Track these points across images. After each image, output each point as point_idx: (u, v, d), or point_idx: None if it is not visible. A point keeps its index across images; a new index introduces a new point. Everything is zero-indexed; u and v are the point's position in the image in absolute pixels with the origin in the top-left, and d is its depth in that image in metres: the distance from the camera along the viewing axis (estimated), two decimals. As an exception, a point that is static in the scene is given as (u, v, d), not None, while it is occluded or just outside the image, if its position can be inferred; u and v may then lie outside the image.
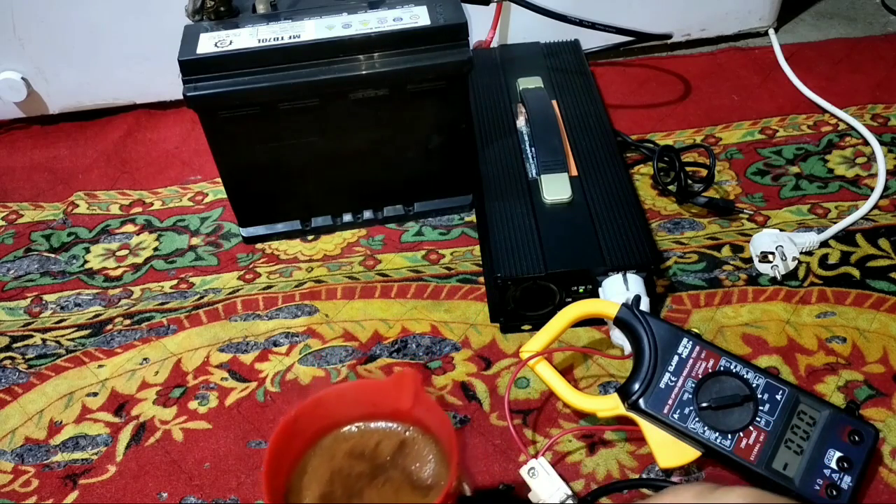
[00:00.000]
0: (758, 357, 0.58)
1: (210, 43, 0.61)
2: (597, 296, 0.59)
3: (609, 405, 0.51)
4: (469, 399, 0.57)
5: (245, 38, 0.61)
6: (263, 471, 0.42)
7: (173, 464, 0.55)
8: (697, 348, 0.51)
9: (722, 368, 0.51)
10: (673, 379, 0.50)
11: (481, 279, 0.66)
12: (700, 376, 0.50)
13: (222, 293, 0.68)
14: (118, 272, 0.71)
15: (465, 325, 0.63)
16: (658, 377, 0.50)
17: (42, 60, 0.85)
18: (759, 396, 0.49)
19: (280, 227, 0.72)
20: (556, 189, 0.64)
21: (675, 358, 0.51)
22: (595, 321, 0.58)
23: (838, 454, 0.48)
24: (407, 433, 0.46)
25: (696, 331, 0.52)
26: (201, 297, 0.68)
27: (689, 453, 0.49)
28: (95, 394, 0.61)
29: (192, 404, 0.59)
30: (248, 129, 0.64)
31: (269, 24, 0.63)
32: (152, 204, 0.79)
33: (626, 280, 0.57)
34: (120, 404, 0.60)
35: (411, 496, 0.43)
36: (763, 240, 0.64)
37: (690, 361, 0.51)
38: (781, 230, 0.66)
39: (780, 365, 0.57)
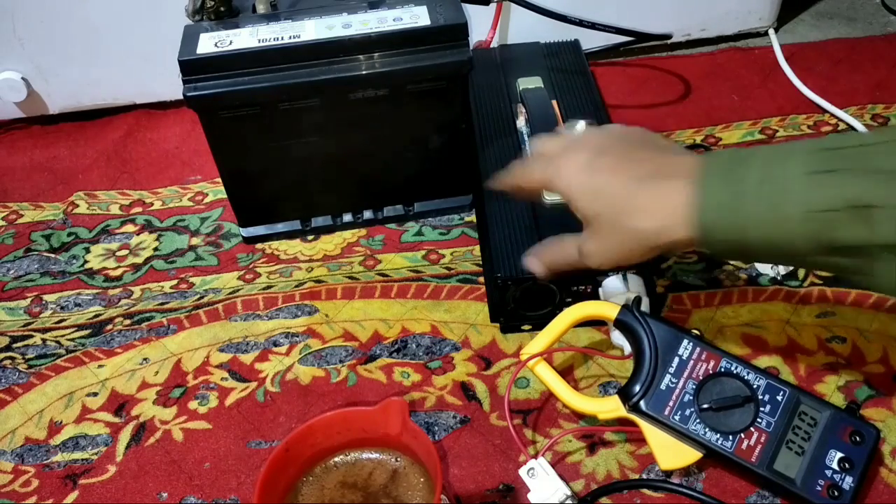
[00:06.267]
0: (758, 357, 0.58)
1: (210, 43, 0.61)
2: (597, 296, 0.59)
3: (610, 407, 0.51)
4: (469, 399, 0.57)
5: (245, 38, 0.61)
6: (255, 502, 0.42)
7: (173, 464, 0.55)
8: (698, 350, 0.51)
9: (723, 369, 0.51)
10: (674, 380, 0.50)
11: (481, 279, 0.66)
12: (701, 378, 0.50)
13: (222, 293, 0.68)
14: (118, 272, 0.71)
15: (465, 325, 0.63)
16: (659, 379, 0.50)
17: (42, 60, 0.85)
18: (760, 397, 0.49)
19: (280, 227, 0.72)
20: (556, 189, 0.64)
21: (676, 359, 0.51)
22: (595, 321, 0.58)
23: (839, 455, 0.48)
24: (397, 462, 0.46)
25: (696, 331, 0.52)
26: (201, 297, 0.67)
27: (690, 454, 0.49)
28: (95, 394, 0.61)
29: (192, 404, 0.59)
30: (248, 129, 0.64)
31: (269, 24, 0.63)
32: (152, 204, 0.78)
33: (625, 280, 0.57)
34: (120, 404, 0.60)
35: None
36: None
37: (691, 363, 0.51)
38: (782, 230, 0.66)
39: (780, 365, 0.57)
